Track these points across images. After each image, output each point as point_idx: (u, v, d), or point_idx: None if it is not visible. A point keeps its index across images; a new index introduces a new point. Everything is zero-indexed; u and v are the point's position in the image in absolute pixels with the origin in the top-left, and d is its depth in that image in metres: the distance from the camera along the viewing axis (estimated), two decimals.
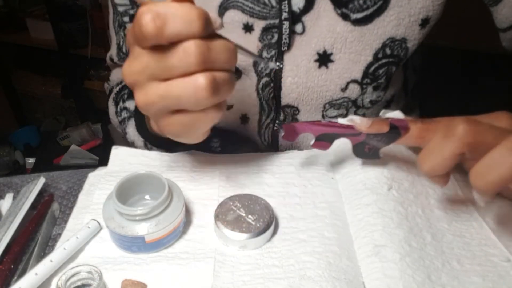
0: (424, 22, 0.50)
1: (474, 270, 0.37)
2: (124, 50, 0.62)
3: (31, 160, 1.92)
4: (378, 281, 0.35)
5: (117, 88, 0.61)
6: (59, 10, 1.82)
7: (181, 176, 0.46)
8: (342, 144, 0.49)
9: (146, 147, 0.56)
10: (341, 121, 0.40)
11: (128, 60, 0.33)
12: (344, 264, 0.37)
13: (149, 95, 0.32)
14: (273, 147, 0.59)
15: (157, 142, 0.54)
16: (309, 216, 0.42)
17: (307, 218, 0.41)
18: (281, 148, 0.59)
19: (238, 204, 0.40)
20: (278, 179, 0.46)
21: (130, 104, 0.56)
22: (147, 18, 0.29)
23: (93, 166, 0.49)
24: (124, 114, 0.56)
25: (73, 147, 1.84)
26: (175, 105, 0.33)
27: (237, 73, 0.55)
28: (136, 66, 0.32)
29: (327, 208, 0.42)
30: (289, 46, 0.51)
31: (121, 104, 0.58)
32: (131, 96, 0.57)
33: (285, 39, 0.50)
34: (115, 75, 0.66)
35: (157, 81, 0.32)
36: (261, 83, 0.54)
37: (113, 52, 0.63)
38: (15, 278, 0.37)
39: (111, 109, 0.61)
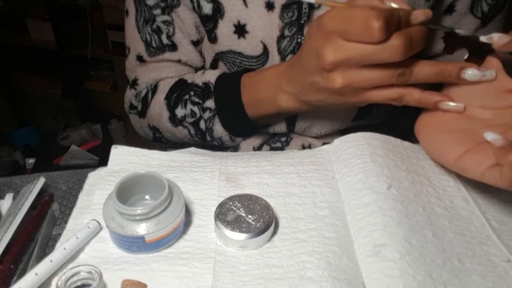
0: None
1: (475, 270, 0.37)
2: (154, 45, 0.62)
3: (31, 161, 1.92)
4: (378, 281, 0.35)
5: (165, 92, 0.61)
6: (59, 11, 1.83)
7: (181, 176, 0.46)
8: (342, 144, 0.49)
9: (231, 139, 0.59)
10: (482, 38, 0.41)
11: (328, 48, 0.41)
12: (344, 264, 0.37)
13: (352, 77, 0.41)
14: (290, 122, 0.60)
15: (245, 132, 0.59)
16: (309, 216, 0.42)
17: (307, 218, 0.41)
18: (297, 124, 0.60)
19: (238, 204, 0.40)
20: (278, 179, 0.46)
21: (210, 104, 0.57)
22: (378, 23, 0.37)
23: (93, 166, 0.49)
24: (207, 114, 0.58)
25: (73, 147, 1.85)
26: (372, 64, 0.41)
27: (265, 54, 0.57)
28: (341, 53, 0.40)
29: (327, 208, 0.42)
30: (309, 19, 0.53)
31: (190, 107, 0.59)
32: (205, 96, 0.58)
33: (305, 8, 0.53)
34: (144, 78, 0.65)
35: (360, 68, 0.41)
36: (286, 60, 0.55)
37: (140, 50, 0.63)
38: (15, 278, 0.37)
39: (164, 114, 0.61)
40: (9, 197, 0.45)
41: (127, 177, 0.39)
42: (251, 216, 0.39)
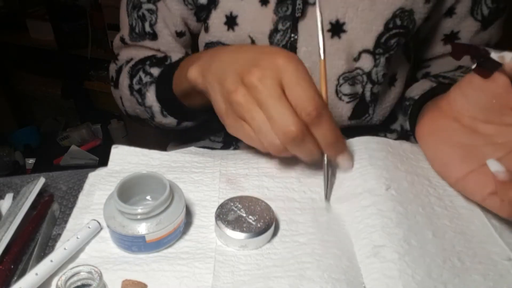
0: None
1: (475, 269, 0.37)
2: (136, 31, 0.63)
3: (31, 161, 1.92)
4: (377, 281, 0.35)
5: (132, 63, 0.62)
6: (59, 11, 1.82)
7: (181, 177, 0.46)
8: None
9: (161, 113, 0.58)
10: (493, 55, 0.39)
11: (257, 68, 0.39)
12: (344, 265, 0.37)
13: (246, 102, 0.39)
14: None
15: (174, 110, 0.57)
16: (308, 220, 0.41)
17: (307, 223, 0.41)
18: None
19: (239, 205, 0.40)
20: (278, 183, 0.46)
21: (154, 71, 0.57)
22: (294, 127, 0.37)
23: (93, 166, 0.49)
24: (147, 79, 0.58)
25: (73, 147, 1.85)
26: (255, 131, 0.40)
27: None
28: (259, 83, 0.38)
29: (326, 214, 0.42)
30: (303, 15, 0.53)
31: (140, 74, 0.59)
32: (155, 64, 0.58)
33: (299, 4, 0.52)
34: (124, 55, 0.66)
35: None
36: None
37: (124, 33, 0.65)
38: (15, 278, 0.37)
39: (124, 82, 0.62)
40: (9, 197, 0.45)
41: (128, 177, 0.39)
42: (252, 217, 0.39)
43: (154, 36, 0.62)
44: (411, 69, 0.63)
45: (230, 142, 0.67)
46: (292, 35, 0.54)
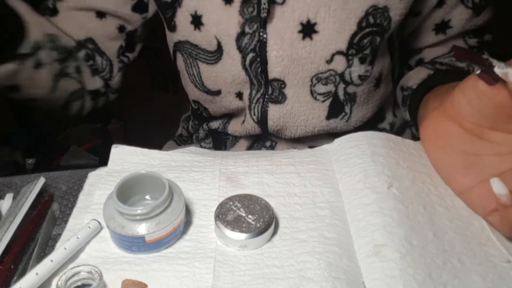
0: None
1: (475, 270, 0.37)
2: None
3: (31, 161, 1.91)
4: (378, 281, 0.35)
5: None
6: None
7: (181, 176, 0.46)
8: (342, 143, 0.49)
9: None
10: (497, 70, 0.36)
11: None
12: (344, 264, 0.37)
13: None
14: (262, 123, 0.59)
15: None
16: (309, 216, 0.41)
17: (307, 218, 0.41)
18: (270, 125, 0.58)
19: (238, 204, 0.40)
20: (278, 179, 0.46)
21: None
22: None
23: (93, 166, 0.49)
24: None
25: (73, 147, 1.84)
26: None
27: (219, 51, 0.54)
28: None
29: (327, 208, 0.42)
30: (270, 16, 0.51)
31: None
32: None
33: (264, 4, 0.50)
34: None
35: None
36: (247, 59, 0.53)
37: None
38: (15, 278, 0.37)
39: None
40: (9, 197, 0.45)
41: (127, 177, 0.39)
42: (251, 216, 0.39)
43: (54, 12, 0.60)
44: (396, 67, 0.62)
45: (219, 147, 0.66)
46: (261, 37, 0.52)
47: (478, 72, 0.38)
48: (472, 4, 0.56)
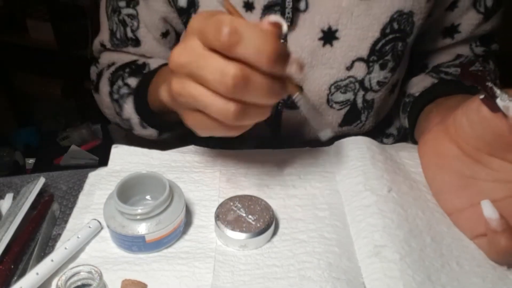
0: None
1: (474, 272, 0.37)
2: (118, 36, 0.60)
3: (31, 161, 1.91)
4: (378, 281, 0.35)
5: (112, 68, 0.60)
6: (59, 11, 1.82)
7: (181, 177, 0.46)
8: (342, 146, 0.49)
9: (141, 125, 0.56)
10: (499, 102, 0.35)
11: (180, 46, 0.32)
12: (344, 265, 0.37)
13: (184, 89, 0.32)
14: (274, 127, 0.58)
15: (153, 121, 0.54)
16: (309, 217, 0.42)
17: (307, 219, 0.41)
18: (282, 130, 0.58)
19: (239, 205, 0.40)
20: (278, 181, 0.46)
21: (132, 81, 0.55)
22: (225, 30, 0.29)
23: (93, 166, 0.49)
24: (124, 90, 0.55)
25: (73, 147, 1.84)
26: (201, 109, 0.33)
27: None
28: (185, 57, 0.32)
29: (327, 209, 0.42)
30: (292, 24, 0.50)
31: (119, 82, 0.57)
32: (133, 74, 0.56)
33: (288, 13, 0.49)
34: (105, 59, 0.64)
35: (195, 81, 0.32)
36: None
37: (104, 37, 0.62)
38: (15, 278, 0.37)
39: (104, 88, 0.59)
40: (9, 197, 0.45)
41: (128, 176, 0.39)
42: (252, 216, 0.39)
43: (137, 42, 0.59)
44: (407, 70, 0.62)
45: (226, 146, 0.66)
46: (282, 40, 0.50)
47: (481, 97, 0.37)
48: (484, 9, 0.55)
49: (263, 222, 0.39)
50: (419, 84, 0.59)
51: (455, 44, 0.59)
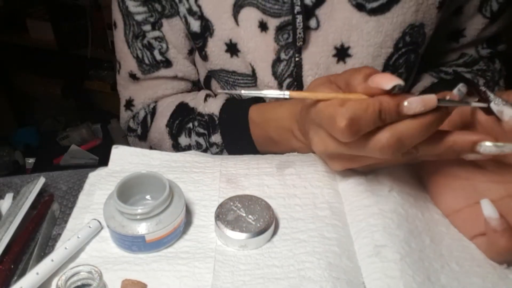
0: (441, 4, 0.49)
1: (474, 271, 0.37)
2: (146, 62, 0.59)
3: (31, 160, 1.92)
4: (378, 281, 0.35)
5: (166, 117, 0.59)
6: (59, 11, 1.82)
7: (181, 177, 0.46)
8: None
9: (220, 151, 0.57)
10: (493, 106, 0.35)
11: (317, 141, 0.38)
12: (344, 264, 0.37)
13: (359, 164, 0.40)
14: None
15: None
16: (309, 216, 0.42)
17: (307, 219, 0.41)
18: None
19: (239, 205, 0.40)
20: (279, 181, 0.46)
21: (217, 139, 0.55)
22: (342, 123, 0.33)
23: (93, 166, 0.49)
24: (215, 149, 0.56)
25: (73, 147, 1.84)
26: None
27: (254, 77, 0.54)
28: (329, 147, 0.37)
29: (327, 209, 0.42)
30: (305, 42, 0.50)
31: (196, 138, 0.57)
32: (208, 129, 0.56)
33: (300, 33, 0.49)
34: (140, 97, 0.62)
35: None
36: (284, 85, 0.53)
37: (131, 67, 0.60)
38: (15, 278, 0.37)
39: (166, 143, 0.59)
40: (9, 197, 0.45)
41: (128, 176, 0.39)
42: (252, 216, 0.39)
43: (168, 63, 0.59)
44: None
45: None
46: (297, 64, 0.51)
47: (476, 101, 0.37)
48: (490, 13, 0.55)
49: (263, 222, 0.39)
50: (419, 83, 0.59)
51: (460, 47, 0.59)
